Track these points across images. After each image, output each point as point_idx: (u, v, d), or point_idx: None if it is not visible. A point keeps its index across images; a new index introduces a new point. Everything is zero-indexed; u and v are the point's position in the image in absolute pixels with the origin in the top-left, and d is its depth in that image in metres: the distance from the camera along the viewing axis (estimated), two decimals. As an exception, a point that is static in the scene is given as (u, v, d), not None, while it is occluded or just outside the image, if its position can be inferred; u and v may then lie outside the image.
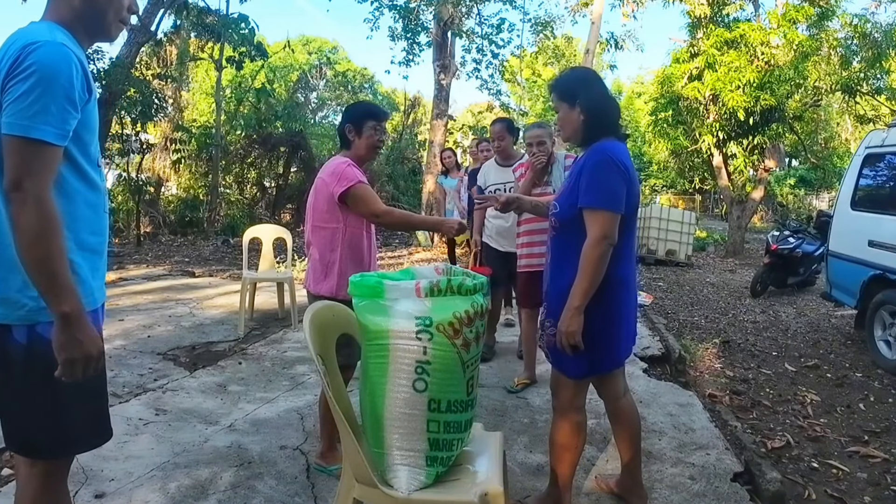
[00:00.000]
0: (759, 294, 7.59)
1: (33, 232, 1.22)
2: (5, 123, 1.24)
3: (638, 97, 27.22)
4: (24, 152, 1.23)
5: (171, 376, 3.69)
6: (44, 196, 1.24)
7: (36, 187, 1.23)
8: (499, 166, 4.16)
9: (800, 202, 22.21)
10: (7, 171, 1.24)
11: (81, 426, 1.44)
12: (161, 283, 6.70)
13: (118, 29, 1.51)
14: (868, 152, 5.19)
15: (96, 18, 1.43)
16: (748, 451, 2.84)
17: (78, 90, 1.30)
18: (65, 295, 1.25)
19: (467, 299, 1.57)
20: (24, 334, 1.34)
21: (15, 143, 1.23)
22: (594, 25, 12.75)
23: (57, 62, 1.26)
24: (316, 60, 26.61)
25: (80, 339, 1.28)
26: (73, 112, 1.29)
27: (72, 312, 1.26)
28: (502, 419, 3.22)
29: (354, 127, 2.50)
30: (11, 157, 1.24)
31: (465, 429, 1.65)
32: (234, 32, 10.21)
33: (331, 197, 2.39)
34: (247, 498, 2.30)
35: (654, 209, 11.18)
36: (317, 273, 2.48)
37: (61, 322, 1.26)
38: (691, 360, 4.49)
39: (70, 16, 1.39)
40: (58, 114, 1.25)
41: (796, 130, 12.25)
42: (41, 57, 1.24)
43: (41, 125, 1.23)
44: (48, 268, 1.23)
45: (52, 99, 1.24)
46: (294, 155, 13.56)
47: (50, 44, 1.27)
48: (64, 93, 1.26)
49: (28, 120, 1.22)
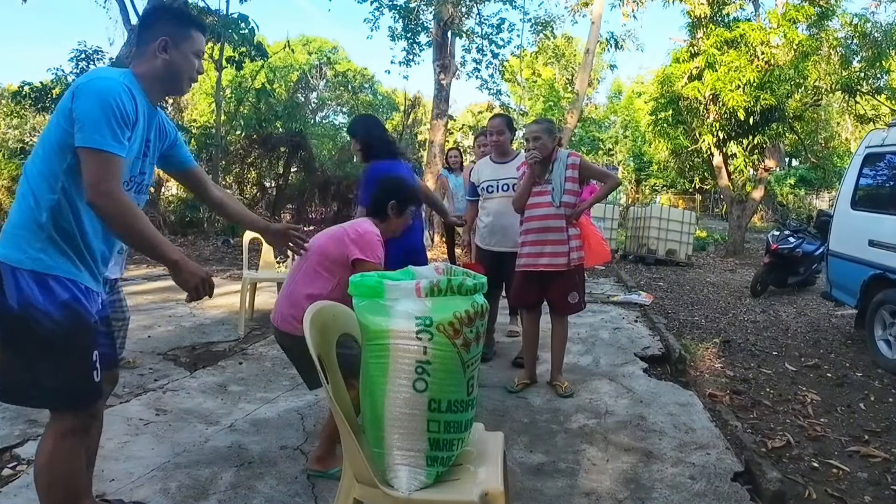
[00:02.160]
0: (760, 294, 7.59)
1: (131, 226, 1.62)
2: (77, 137, 1.57)
3: (638, 97, 27.17)
4: (98, 162, 1.57)
5: (172, 376, 3.69)
6: (117, 194, 1.59)
7: (110, 188, 1.58)
8: (493, 163, 4.14)
9: (800, 202, 22.22)
10: (85, 176, 1.58)
11: (62, 384, 1.67)
12: (161, 283, 6.70)
13: (189, 86, 1.89)
14: (868, 152, 5.19)
15: (173, 79, 1.80)
16: (748, 450, 2.84)
17: (128, 110, 1.63)
18: (165, 250, 1.67)
19: (467, 299, 1.57)
20: (14, 291, 1.61)
21: (90, 154, 1.57)
22: (594, 25, 12.75)
23: (113, 89, 1.61)
24: (316, 60, 26.60)
25: (192, 272, 1.70)
26: (127, 129, 1.62)
27: (178, 259, 1.68)
28: (502, 419, 3.22)
29: (399, 207, 2.53)
30: (89, 165, 1.58)
31: (465, 429, 1.65)
32: (234, 32, 10.22)
33: (345, 256, 2.38)
34: (247, 498, 2.30)
35: (654, 209, 11.18)
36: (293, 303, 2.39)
37: (174, 268, 1.68)
38: (691, 360, 4.49)
39: (150, 73, 1.76)
40: (118, 128, 1.59)
41: (796, 130, 12.25)
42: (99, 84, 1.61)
43: (108, 138, 1.58)
44: (145, 241, 1.64)
45: (113, 117, 1.59)
46: (294, 155, 13.57)
47: (113, 80, 1.64)
48: (118, 112, 1.60)
49: (94, 132, 1.56)
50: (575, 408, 3.41)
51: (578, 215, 3.55)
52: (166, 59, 1.76)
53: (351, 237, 2.40)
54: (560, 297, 3.60)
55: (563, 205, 3.50)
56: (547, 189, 3.52)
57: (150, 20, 1.81)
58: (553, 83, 25.73)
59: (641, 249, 10.74)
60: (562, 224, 3.50)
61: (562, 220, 3.50)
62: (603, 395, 3.62)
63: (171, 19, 1.79)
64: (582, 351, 4.59)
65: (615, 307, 6.38)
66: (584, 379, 3.92)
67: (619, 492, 2.47)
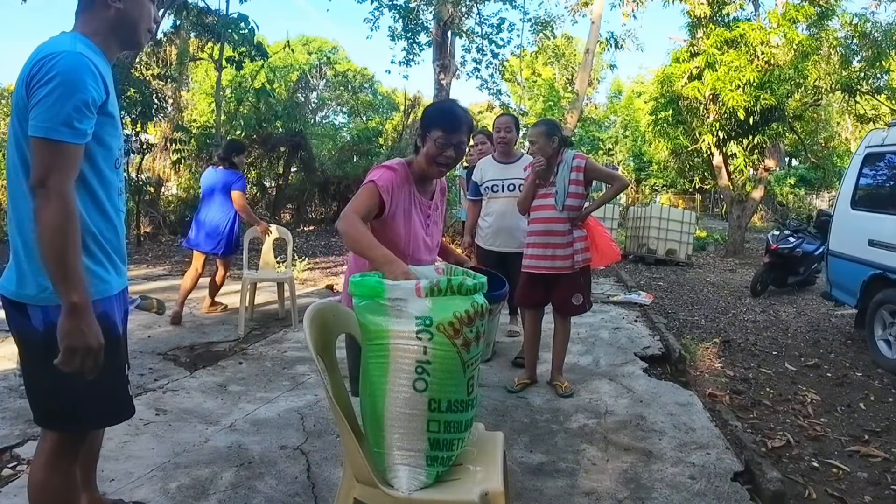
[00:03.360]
0: (760, 293, 7.59)
1: (54, 226, 1.35)
2: (30, 126, 1.38)
3: (638, 97, 27.17)
4: (47, 152, 1.36)
5: (172, 376, 3.69)
6: (65, 193, 1.37)
7: (59, 184, 1.36)
8: (497, 163, 4.14)
9: (800, 202, 22.21)
10: (33, 169, 1.38)
11: (87, 404, 1.56)
12: (161, 283, 6.70)
13: (146, 38, 1.68)
14: (868, 152, 5.19)
15: (129, 30, 1.60)
16: (748, 450, 2.84)
17: (93, 94, 1.42)
18: (75, 286, 1.37)
19: (467, 299, 1.57)
20: (39, 315, 1.48)
21: (39, 144, 1.37)
22: (594, 25, 12.75)
23: (74, 69, 1.39)
24: (316, 60, 26.60)
25: (84, 330, 1.39)
26: (88, 114, 1.41)
27: (79, 303, 1.37)
28: (502, 419, 3.22)
29: (421, 132, 2.11)
30: (36, 156, 1.38)
31: (465, 428, 1.65)
32: (233, 32, 10.20)
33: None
34: (247, 498, 2.30)
35: (654, 209, 11.17)
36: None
37: (69, 311, 1.37)
38: (691, 360, 4.50)
39: (104, 28, 1.56)
40: (75, 115, 1.38)
41: (796, 130, 12.25)
42: (60, 65, 1.38)
43: (60, 126, 1.36)
44: (63, 260, 1.36)
45: (69, 102, 1.37)
46: (294, 155, 13.56)
47: (69, 53, 1.41)
48: (80, 97, 1.39)
49: (49, 122, 1.36)
50: (575, 408, 3.41)
51: (584, 218, 3.54)
52: (119, 8, 1.56)
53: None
54: (564, 299, 3.58)
55: (568, 208, 3.47)
56: (551, 192, 3.49)
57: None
58: (553, 83, 25.72)
59: (641, 249, 10.74)
60: (566, 227, 3.47)
61: (566, 224, 3.47)
62: (603, 395, 3.62)
63: None
64: (582, 351, 4.59)
65: (615, 307, 6.38)
66: (584, 379, 3.92)
67: (619, 491, 2.47)
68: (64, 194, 1.36)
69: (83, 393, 1.52)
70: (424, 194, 2.15)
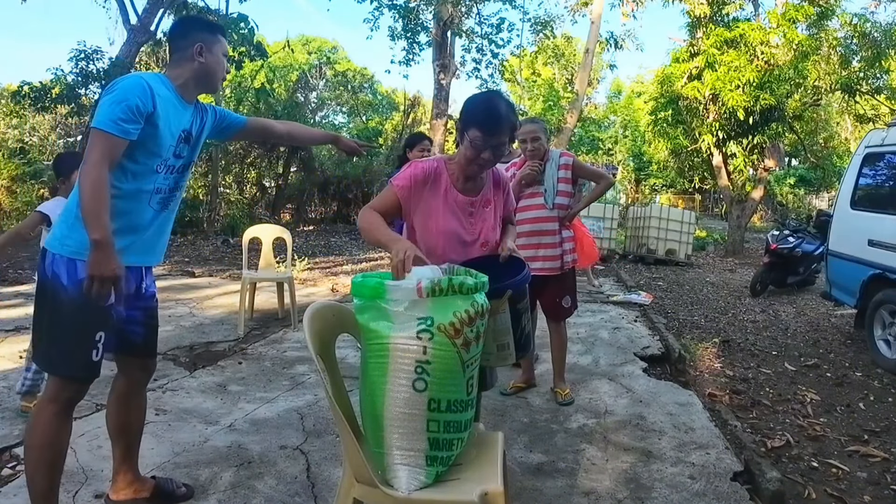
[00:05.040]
0: (759, 293, 7.60)
1: (87, 186, 1.75)
2: (94, 120, 1.83)
3: (638, 97, 27.18)
4: (95, 138, 1.80)
5: (171, 376, 3.69)
6: (100, 167, 1.77)
7: (97, 160, 1.77)
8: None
9: (799, 202, 22.22)
10: (87, 148, 1.82)
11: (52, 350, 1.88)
12: (161, 283, 6.67)
13: (221, 85, 2.17)
14: (868, 152, 5.20)
15: (208, 79, 2.05)
16: (748, 450, 2.84)
17: (138, 102, 1.81)
18: (97, 228, 1.74)
19: (468, 299, 1.57)
20: (49, 258, 1.86)
21: (93, 132, 1.82)
22: (594, 25, 12.76)
23: (129, 86, 1.83)
24: (316, 60, 26.57)
25: (103, 262, 1.74)
26: (132, 116, 1.80)
27: (100, 239, 1.73)
28: (502, 419, 3.22)
29: (460, 127, 1.98)
30: (90, 140, 1.81)
31: (465, 428, 1.65)
32: (233, 32, 10.19)
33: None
34: (247, 498, 2.30)
35: (654, 209, 11.18)
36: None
37: (93, 246, 1.73)
38: (691, 360, 4.50)
39: (186, 75, 2.01)
40: (121, 115, 1.79)
41: (796, 130, 12.26)
42: (121, 83, 1.85)
43: (108, 122, 1.79)
44: (92, 209, 1.74)
45: (118, 106, 1.79)
46: (294, 155, 13.56)
47: (131, 76, 1.88)
48: (126, 103, 1.80)
49: (101, 117, 1.80)
50: (575, 407, 3.41)
51: (571, 217, 3.51)
52: (202, 62, 2.00)
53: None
54: (553, 302, 3.50)
55: (557, 206, 3.42)
56: (539, 191, 3.43)
57: (184, 30, 2.05)
58: (553, 83, 25.71)
59: (641, 249, 10.74)
60: (555, 227, 3.42)
61: (555, 223, 3.42)
62: (603, 395, 3.62)
63: (203, 27, 2.05)
64: (582, 351, 4.59)
65: (615, 307, 6.38)
66: (584, 379, 3.92)
67: (618, 491, 2.47)
68: (98, 167, 1.76)
69: (52, 338, 1.86)
70: (469, 191, 2.05)
